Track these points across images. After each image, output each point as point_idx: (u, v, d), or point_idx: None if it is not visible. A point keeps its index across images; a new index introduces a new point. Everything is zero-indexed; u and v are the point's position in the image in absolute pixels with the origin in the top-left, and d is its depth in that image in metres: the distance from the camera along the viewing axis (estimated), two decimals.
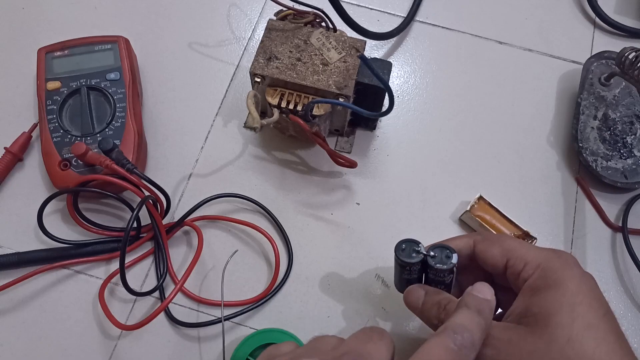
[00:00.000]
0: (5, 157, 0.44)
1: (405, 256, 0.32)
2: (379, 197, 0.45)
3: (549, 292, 0.28)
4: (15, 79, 0.49)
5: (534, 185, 0.46)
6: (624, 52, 0.44)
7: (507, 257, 0.31)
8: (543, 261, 0.30)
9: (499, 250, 0.32)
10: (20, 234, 0.43)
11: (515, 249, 0.31)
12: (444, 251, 0.32)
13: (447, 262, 0.31)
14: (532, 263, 0.30)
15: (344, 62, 0.41)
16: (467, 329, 0.27)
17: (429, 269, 0.32)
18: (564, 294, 0.28)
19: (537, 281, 0.29)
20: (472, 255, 0.34)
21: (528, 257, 0.30)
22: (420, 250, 0.32)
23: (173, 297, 0.36)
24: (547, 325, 0.27)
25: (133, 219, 0.36)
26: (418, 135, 0.48)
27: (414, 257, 0.32)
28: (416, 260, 0.32)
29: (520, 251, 0.31)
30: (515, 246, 0.31)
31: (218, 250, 0.43)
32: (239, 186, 0.45)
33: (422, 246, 0.32)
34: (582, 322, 0.27)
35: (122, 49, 0.46)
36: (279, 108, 0.41)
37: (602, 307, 0.28)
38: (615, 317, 0.29)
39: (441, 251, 0.32)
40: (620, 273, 0.43)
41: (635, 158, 0.45)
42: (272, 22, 0.43)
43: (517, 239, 0.33)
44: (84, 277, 0.42)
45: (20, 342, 0.39)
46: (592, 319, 0.27)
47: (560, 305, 0.28)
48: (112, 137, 0.42)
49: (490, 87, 0.51)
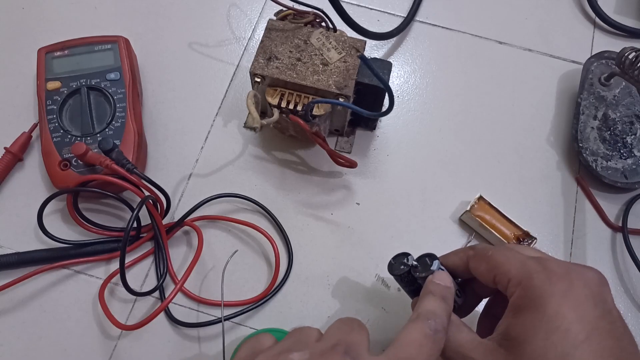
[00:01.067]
0: (5, 157, 0.44)
1: (395, 269, 0.35)
2: (379, 197, 0.45)
3: (527, 315, 0.27)
4: (15, 79, 0.49)
5: (534, 185, 0.46)
6: (624, 52, 0.44)
7: (493, 274, 0.30)
8: (524, 278, 0.28)
9: (486, 267, 0.31)
10: (20, 234, 0.43)
11: (500, 265, 0.30)
12: (424, 261, 0.34)
13: (427, 270, 0.33)
14: (514, 279, 0.29)
15: (344, 62, 0.41)
16: (437, 314, 0.29)
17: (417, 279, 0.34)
18: (540, 318, 0.27)
19: (517, 300, 0.28)
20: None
21: (511, 272, 0.29)
22: (407, 262, 0.34)
23: (173, 297, 0.36)
24: (522, 354, 0.26)
25: (133, 219, 0.36)
26: (418, 135, 0.48)
27: (402, 269, 0.34)
28: (404, 271, 0.34)
29: (504, 266, 0.30)
30: (501, 261, 0.30)
31: (218, 250, 0.43)
32: (239, 186, 0.45)
33: (411, 257, 0.34)
34: (555, 352, 0.25)
35: (122, 49, 0.46)
36: (279, 108, 0.41)
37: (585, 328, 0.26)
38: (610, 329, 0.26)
39: (422, 262, 0.34)
40: (620, 273, 0.43)
41: (635, 158, 0.45)
42: (272, 22, 0.43)
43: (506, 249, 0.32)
44: (84, 277, 0.42)
45: (20, 342, 0.39)
46: (568, 347, 0.25)
47: (534, 331, 0.26)
48: (112, 137, 0.42)
49: (490, 87, 0.51)
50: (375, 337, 0.40)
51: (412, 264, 0.34)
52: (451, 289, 0.31)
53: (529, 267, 0.29)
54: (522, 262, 0.29)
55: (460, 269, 0.33)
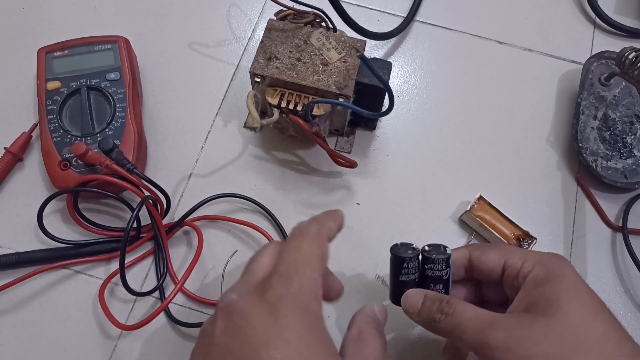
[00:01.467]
0: (5, 157, 0.44)
1: (402, 252, 0.34)
2: (379, 197, 0.45)
3: (554, 283, 0.30)
4: (15, 79, 0.49)
5: (534, 185, 0.46)
6: (624, 52, 0.44)
7: (505, 258, 0.32)
8: (541, 259, 0.32)
9: (497, 253, 0.33)
10: (20, 234, 0.43)
11: (513, 251, 0.33)
12: (438, 247, 0.34)
13: (443, 252, 0.33)
14: (530, 260, 0.32)
15: (344, 62, 0.41)
16: None
17: (426, 264, 0.33)
18: (568, 284, 0.30)
19: (540, 274, 0.31)
20: (467, 267, 0.35)
21: (526, 255, 0.32)
22: (415, 247, 0.34)
23: (173, 297, 0.37)
24: (557, 311, 0.28)
25: (133, 219, 0.36)
26: (418, 135, 0.48)
27: (410, 253, 0.33)
28: (413, 254, 0.33)
29: (518, 252, 0.33)
30: (512, 249, 0.33)
31: (218, 250, 0.43)
32: (239, 186, 0.45)
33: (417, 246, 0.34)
34: (589, 308, 0.29)
35: (122, 49, 0.46)
36: (279, 108, 0.41)
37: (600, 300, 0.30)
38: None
39: (435, 247, 0.34)
40: (620, 273, 0.43)
41: (635, 158, 0.45)
42: (272, 22, 0.43)
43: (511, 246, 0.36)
44: (84, 277, 0.42)
45: (20, 342, 0.39)
46: (598, 306, 0.29)
47: (566, 292, 0.29)
48: (112, 137, 0.42)
49: (490, 87, 0.51)
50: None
51: (425, 249, 0.34)
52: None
53: (543, 253, 0.32)
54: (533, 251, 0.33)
55: (457, 264, 0.34)
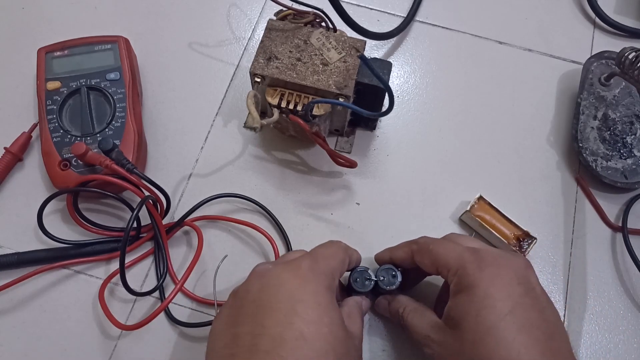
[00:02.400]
0: (5, 157, 0.44)
1: (360, 286, 0.38)
2: (379, 197, 0.45)
3: (461, 298, 0.31)
4: (15, 79, 0.49)
5: (534, 185, 0.46)
6: (624, 52, 0.44)
7: (435, 266, 0.34)
8: (460, 267, 0.32)
9: (429, 260, 0.34)
10: (20, 234, 0.43)
11: (439, 257, 0.34)
12: (390, 272, 0.38)
13: (394, 283, 0.37)
14: (452, 269, 0.33)
15: (344, 62, 0.41)
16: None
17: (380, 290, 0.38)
18: (472, 299, 0.31)
19: (455, 287, 0.32)
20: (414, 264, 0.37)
21: (449, 264, 0.33)
22: (370, 277, 0.38)
23: (173, 297, 0.37)
24: (460, 329, 0.30)
25: (133, 219, 0.36)
26: (418, 135, 0.48)
27: (367, 285, 0.38)
28: (369, 288, 0.38)
29: (444, 259, 0.33)
30: (441, 254, 0.34)
31: (218, 250, 0.43)
32: (239, 186, 0.45)
33: (371, 272, 0.38)
34: (484, 326, 0.29)
35: (122, 49, 0.46)
36: (279, 108, 0.41)
37: (509, 304, 0.30)
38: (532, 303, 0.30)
39: (387, 272, 0.38)
40: (620, 273, 0.43)
41: (635, 158, 0.45)
42: (272, 22, 0.43)
43: (447, 241, 0.35)
44: (84, 277, 0.42)
45: (20, 342, 0.39)
46: (494, 320, 0.29)
47: (467, 311, 0.30)
48: (112, 137, 0.42)
49: (490, 87, 0.51)
50: (375, 337, 0.40)
51: (379, 278, 0.38)
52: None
53: (464, 257, 0.32)
54: (459, 253, 0.33)
55: (407, 262, 0.37)
